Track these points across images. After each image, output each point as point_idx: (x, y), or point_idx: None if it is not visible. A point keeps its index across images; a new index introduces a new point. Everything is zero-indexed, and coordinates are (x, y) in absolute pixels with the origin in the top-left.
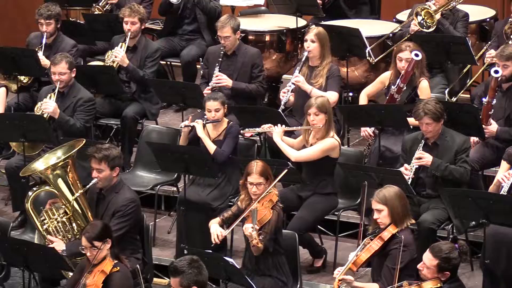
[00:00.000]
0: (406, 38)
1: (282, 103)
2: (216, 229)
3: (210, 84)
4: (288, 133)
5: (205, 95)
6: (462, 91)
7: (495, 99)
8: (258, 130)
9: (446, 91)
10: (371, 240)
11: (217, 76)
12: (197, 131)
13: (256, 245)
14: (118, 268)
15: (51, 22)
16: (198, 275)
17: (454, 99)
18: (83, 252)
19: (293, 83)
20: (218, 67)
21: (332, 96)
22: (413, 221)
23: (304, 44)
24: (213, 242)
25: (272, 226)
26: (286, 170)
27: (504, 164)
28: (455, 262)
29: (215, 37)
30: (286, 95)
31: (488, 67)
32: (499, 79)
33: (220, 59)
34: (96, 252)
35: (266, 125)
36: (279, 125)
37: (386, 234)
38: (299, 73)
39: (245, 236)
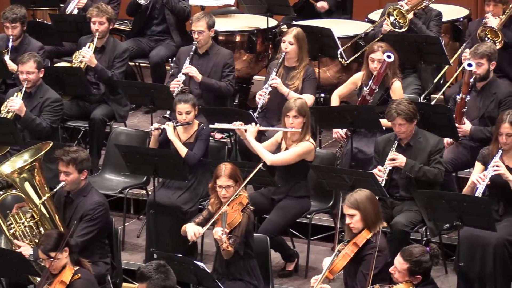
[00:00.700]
0: (378, 38)
1: (259, 106)
2: (192, 227)
3: (178, 75)
4: (258, 136)
5: (171, 88)
6: (441, 93)
7: (469, 96)
8: (228, 126)
9: (421, 98)
10: (345, 246)
11: (187, 67)
12: (168, 133)
13: (226, 248)
14: (79, 275)
15: (17, 25)
16: (166, 280)
17: (433, 102)
18: (42, 264)
19: (270, 86)
20: (189, 59)
21: (308, 98)
22: (385, 224)
23: (282, 45)
24: (190, 239)
25: (242, 229)
26: (258, 167)
27: (478, 165)
28: (426, 265)
29: (187, 34)
30: (263, 98)
31: (464, 68)
32: (472, 77)
33: (192, 53)
34: (54, 262)
35: (237, 122)
36: (253, 123)
37: (360, 240)
38: (276, 74)
39: (215, 239)
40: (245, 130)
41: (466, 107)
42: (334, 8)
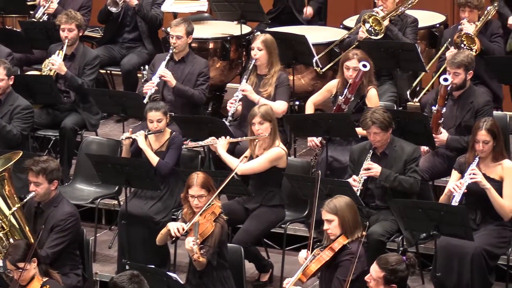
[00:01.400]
0: (354, 46)
1: (230, 114)
2: (175, 224)
3: (153, 78)
4: (233, 145)
5: (144, 91)
6: (420, 96)
7: (445, 108)
8: (201, 143)
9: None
10: (321, 250)
11: (162, 71)
12: (139, 142)
13: (197, 259)
14: (48, 286)
15: None
16: None
17: (416, 99)
18: (10, 275)
19: (240, 93)
20: (164, 64)
21: (281, 105)
22: (364, 233)
23: (251, 52)
24: (173, 235)
25: (215, 240)
26: (230, 177)
27: (455, 174)
28: (402, 274)
29: (159, 42)
30: (233, 106)
31: (440, 75)
32: (449, 87)
33: (168, 57)
34: (22, 273)
35: (209, 138)
36: (223, 137)
37: (336, 245)
38: (246, 82)
39: (187, 250)
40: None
41: (442, 119)
42: (317, 11)
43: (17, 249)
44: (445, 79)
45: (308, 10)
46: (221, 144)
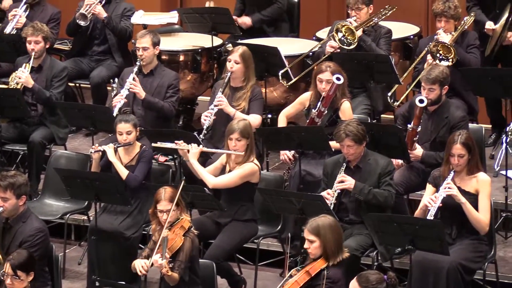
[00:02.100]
0: (325, 56)
1: (205, 127)
2: (139, 262)
3: (122, 91)
4: (204, 158)
5: (113, 104)
6: (398, 102)
7: (420, 126)
8: (170, 145)
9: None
10: (298, 271)
11: (130, 83)
12: (108, 155)
13: (166, 273)
14: None
15: None
16: None
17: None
18: (2, 278)
19: (215, 106)
20: (132, 75)
21: (255, 119)
22: (347, 255)
23: (227, 64)
24: (140, 274)
25: (186, 255)
26: (181, 185)
27: (429, 188)
28: None
29: (129, 55)
30: (208, 119)
31: (415, 87)
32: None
33: (136, 69)
34: (17, 282)
35: (180, 141)
36: (195, 144)
37: (313, 269)
38: (222, 94)
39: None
40: (188, 151)
41: (417, 136)
42: (258, 25)
43: (20, 256)
44: (421, 101)
45: (243, 20)
46: (193, 152)
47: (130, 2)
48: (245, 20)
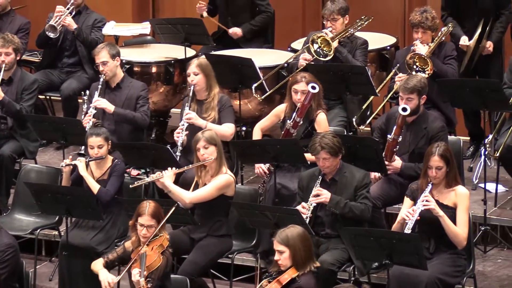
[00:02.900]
0: (299, 69)
1: (179, 144)
2: (106, 277)
3: (89, 110)
4: (178, 175)
5: (84, 124)
6: (368, 121)
7: (401, 137)
8: (147, 180)
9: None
10: (269, 282)
11: (96, 101)
12: (79, 169)
13: None
14: None
15: None
16: None
17: (363, 126)
18: None
19: (185, 121)
20: (98, 93)
21: (229, 128)
22: (318, 264)
23: (188, 79)
24: None
25: (160, 272)
26: (173, 209)
27: (407, 201)
28: None
29: (94, 67)
30: (181, 136)
31: (391, 99)
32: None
33: (100, 86)
34: None
35: (155, 174)
36: (169, 168)
37: (284, 278)
38: (189, 109)
39: (131, 281)
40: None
41: (397, 147)
42: (249, 35)
43: None
44: (404, 109)
45: (235, 30)
46: (167, 176)
47: (101, 13)
48: (236, 31)
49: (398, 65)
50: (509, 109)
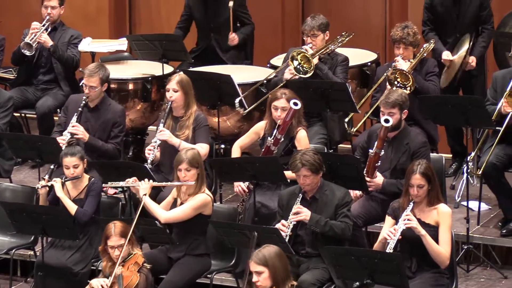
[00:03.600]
0: (283, 83)
1: (149, 161)
2: (98, 280)
3: (64, 133)
4: (155, 192)
5: (59, 144)
6: (356, 127)
7: (383, 151)
8: (121, 184)
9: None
10: None
11: (73, 126)
12: (56, 190)
13: None
14: None
15: None
16: None
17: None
18: None
19: (158, 139)
20: (76, 116)
21: (203, 148)
22: (294, 283)
23: (166, 94)
24: None
25: None
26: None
27: (388, 220)
28: None
29: (76, 83)
30: (152, 153)
31: (371, 115)
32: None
33: (80, 109)
34: None
35: (131, 179)
36: (146, 179)
37: None
38: (164, 126)
39: None
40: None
41: (379, 162)
42: (242, 42)
43: None
44: (386, 120)
45: (234, 35)
46: (143, 188)
47: (77, 29)
48: (236, 36)
49: (380, 80)
50: (492, 126)
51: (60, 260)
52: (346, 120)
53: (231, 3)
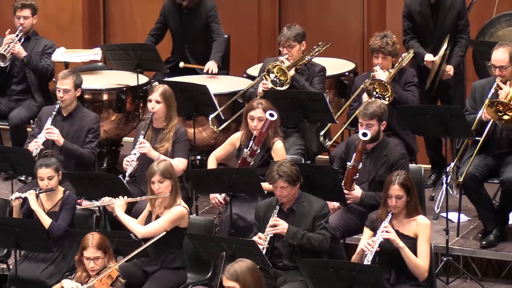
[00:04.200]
0: (259, 97)
1: (127, 174)
2: (70, 283)
3: (38, 136)
4: (130, 205)
5: (30, 150)
6: (331, 141)
7: (361, 163)
8: (96, 204)
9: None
10: None
11: (48, 129)
12: (30, 203)
13: None
14: None
15: None
16: None
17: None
18: None
19: (138, 151)
20: (51, 120)
21: (181, 163)
22: None
23: (148, 104)
24: None
25: None
26: (141, 246)
27: (367, 231)
28: None
29: (50, 94)
30: (130, 165)
31: (349, 125)
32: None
33: (54, 113)
34: None
35: (106, 198)
36: (120, 197)
37: None
38: (144, 138)
39: None
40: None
41: (357, 175)
42: (220, 62)
43: None
44: (364, 134)
45: (211, 67)
46: (118, 205)
47: (51, 39)
48: (212, 66)
49: (358, 90)
50: (472, 136)
51: (33, 273)
52: (322, 133)
53: None
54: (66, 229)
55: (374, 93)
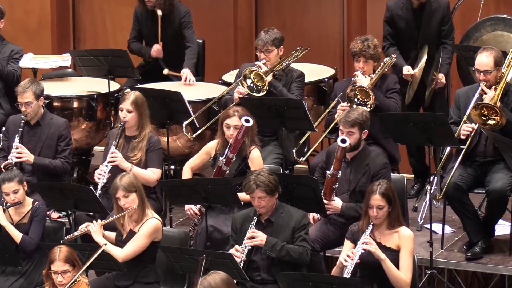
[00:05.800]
0: (234, 104)
1: (99, 187)
2: None
3: (9, 157)
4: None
5: (3, 170)
6: (307, 155)
7: (340, 172)
8: (76, 234)
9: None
10: None
11: (17, 148)
12: None
13: None
14: None
15: None
16: None
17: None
18: None
19: (109, 162)
20: (18, 137)
21: (155, 173)
22: None
23: (120, 113)
24: None
25: None
26: (99, 251)
27: (347, 243)
28: None
29: (15, 104)
30: (102, 178)
31: (329, 134)
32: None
33: (21, 129)
34: None
35: (83, 225)
36: (94, 221)
37: None
38: (116, 148)
39: None
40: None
41: (337, 184)
42: (193, 69)
43: None
44: (343, 140)
45: (189, 76)
46: (94, 231)
47: (18, 44)
48: (190, 76)
49: (338, 97)
50: (456, 144)
51: (3, 286)
52: (301, 141)
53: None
54: (38, 243)
55: (355, 100)
